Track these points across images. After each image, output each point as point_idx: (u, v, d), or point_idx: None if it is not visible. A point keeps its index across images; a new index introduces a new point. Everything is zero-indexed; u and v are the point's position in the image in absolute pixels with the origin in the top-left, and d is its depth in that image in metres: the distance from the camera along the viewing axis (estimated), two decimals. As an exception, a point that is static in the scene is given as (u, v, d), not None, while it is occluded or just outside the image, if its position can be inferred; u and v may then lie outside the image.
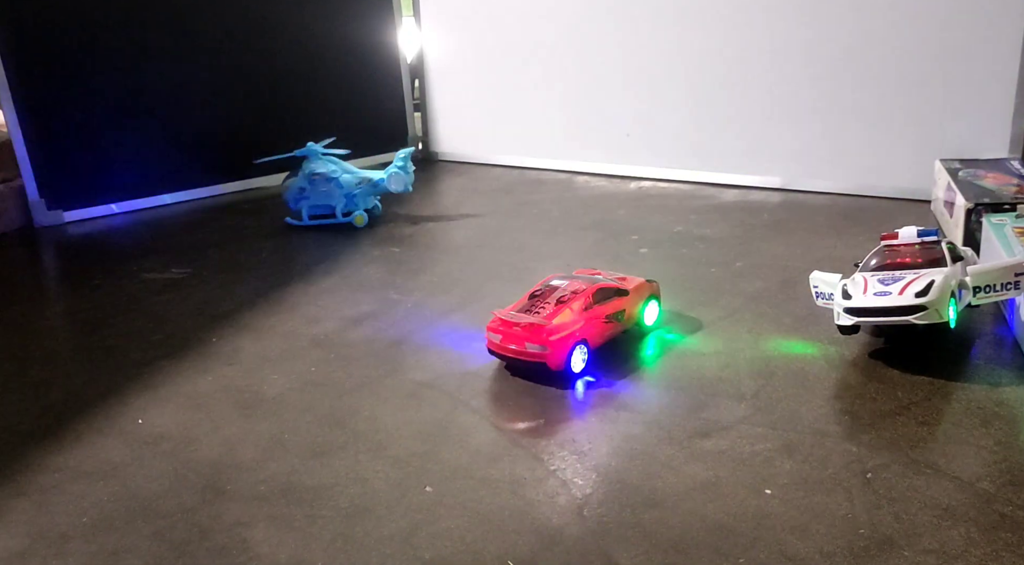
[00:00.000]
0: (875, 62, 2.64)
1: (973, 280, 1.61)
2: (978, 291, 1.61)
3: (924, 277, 1.62)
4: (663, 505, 1.28)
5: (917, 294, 1.59)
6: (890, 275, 1.68)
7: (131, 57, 2.99)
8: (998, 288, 1.61)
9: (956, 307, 1.63)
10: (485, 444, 1.47)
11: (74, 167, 2.67)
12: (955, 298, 1.63)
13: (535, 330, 1.61)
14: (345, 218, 2.69)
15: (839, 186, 2.76)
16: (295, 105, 3.30)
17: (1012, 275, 1.60)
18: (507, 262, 2.33)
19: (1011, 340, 1.71)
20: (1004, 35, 2.43)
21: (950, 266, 1.66)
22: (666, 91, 3.03)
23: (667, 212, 2.68)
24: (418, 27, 3.54)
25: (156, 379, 1.77)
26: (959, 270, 1.67)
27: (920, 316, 1.59)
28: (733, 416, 1.50)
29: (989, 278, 1.61)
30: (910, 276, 1.64)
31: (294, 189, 2.71)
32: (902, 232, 1.76)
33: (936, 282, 1.60)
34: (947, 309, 1.59)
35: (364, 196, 2.73)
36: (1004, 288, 1.60)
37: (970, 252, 1.88)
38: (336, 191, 2.69)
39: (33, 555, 1.26)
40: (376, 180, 2.72)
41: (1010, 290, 1.61)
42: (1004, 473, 1.30)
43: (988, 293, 1.61)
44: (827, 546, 1.17)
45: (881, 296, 1.63)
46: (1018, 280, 1.60)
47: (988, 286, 1.61)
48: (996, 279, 1.61)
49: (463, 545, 1.22)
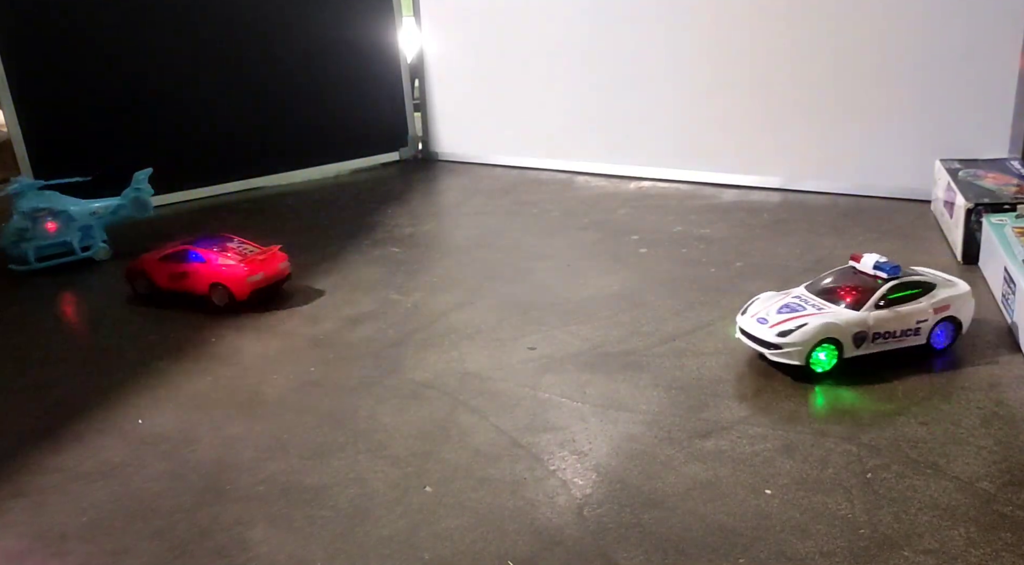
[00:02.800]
0: (875, 62, 2.64)
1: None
2: (861, 342, 1.61)
3: (808, 317, 1.60)
4: (663, 505, 1.28)
5: (779, 334, 1.59)
6: (795, 304, 1.66)
7: (131, 57, 2.99)
8: (898, 335, 1.62)
9: (835, 354, 1.59)
10: (485, 444, 1.47)
11: (74, 167, 2.67)
12: (835, 346, 1.59)
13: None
14: (85, 253, 2.48)
15: (839, 186, 2.76)
16: (295, 105, 3.30)
17: (913, 322, 1.62)
18: (507, 262, 2.33)
19: (1011, 340, 1.71)
20: (1004, 35, 2.43)
21: (856, 312, 1.60)
22: (666, 91, 3.03)
23: (667, 212, 2.68)
24: (418, 27, 3.54)
25: (156, 379, 1.77)
26: (865, 318, 1.60)
27: (774, 353, 1.60)
28: (733, 416, 1.50)
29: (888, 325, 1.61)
30: (808, 310, 1.63)
31: (9, 231, 2.42)
32: (863, 258, 1.69)
33: (807, 327, 1.58)
34: (809, 354, 1.58)
35: (101, 227, 2.53)
36: (904, 335, 1.62)
37: (947, 283, 1.70)
38: (69, 225, 2.46)
39: (32, 555, 1.26)
40: (115, 207, 2.53)
41: (910, 336, 1.63)
42: (1004, 473, 1.30)
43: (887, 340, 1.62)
44: (827, 546, 1.17)
45: (760, 323, 1.64)
46: (918, 327, 1.62)
47: (888, 333, 1.61)
48: (895, 326, 1.61)
49: (463, 545, 1.22)
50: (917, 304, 1.61)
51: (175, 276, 2.15)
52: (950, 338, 1.65)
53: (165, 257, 2.17)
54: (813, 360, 1.59)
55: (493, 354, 1.79)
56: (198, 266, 2.12)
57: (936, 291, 1.63)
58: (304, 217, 2.89)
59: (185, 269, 2.13)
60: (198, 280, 2.12)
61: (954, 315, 1.63)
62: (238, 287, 2.07)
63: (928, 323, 1.62)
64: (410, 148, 3.61)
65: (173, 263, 2.15)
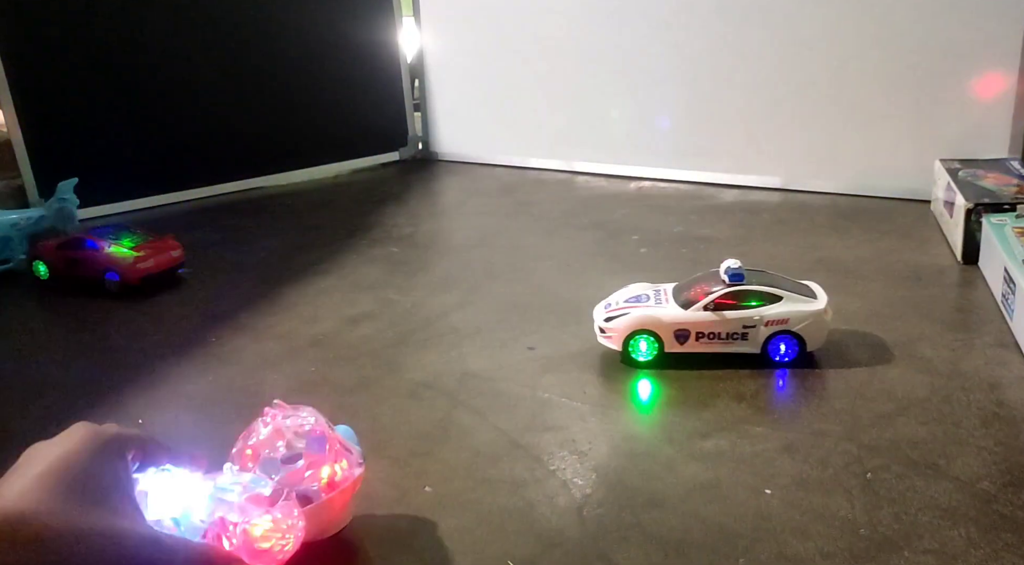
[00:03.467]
0: (875, 62, 2.65)
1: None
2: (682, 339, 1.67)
3: (634, 309, 1.68)
4: (663, 505, 1.27)
5: (606, 319, 1.69)
6: (643, 296, 1.73)
7: (131, 57, 2.99)
8: (723, 337, 1.66)
9: (656, 346, 1.66)
10: (485, 444, 1.47)
11: (74, 167, 2.67)
12: (655, 339, 1.66)
13: None
14: (3, 266, 2.45)
15: (839, 186, 2.76)
16: (295, 105, 3.30)
17: (739, 327, 1.65)
18: (507, 262, 2.32)
19: (1011, 340, 1.71)
20: (1004, 35, 2.43)
21: (681, 311, 1.65)
22: (666, 91, 3.03)
23: (667, 212, 2.68)
24: (418, 27, 3.54)
25: (156, 379, 1.77)
26: (687, 317, 1.65)
27: (601, 337, 1.71)
28: (733, 416, 1.50)
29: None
30: (646, 303, 1.70)
31: None
32: (724, 263, 1.70)
33: (627, 317, 1.66)
34: (626, 342, 1.67)
35: (22, 239, 2.48)
36: (731, 338, 1.66)
37: (799, 299, 1.66)
38: None
39: (32, 555, 1.25)
40: (37, 218, 2.50)
41: (737, 341, 1.66)
42: (1004, 473, 1.30)
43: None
44: (827, 547, 1.17)
45: (605, 307, 1.72)
46: (745, 332, 1.65)
47: (713, 334, 1.65)
48: (720, 329, 1.65)
49: (462, 546, 1.22)
50: (745, 312, 1.64)
51: (70, 263, 2.30)
52: (793, 352, 1.65)
53: (61, 245, 2.33)
54: (632, 349, 1.67)
55: (493, 354, 1.79)
56: (92, 253, 2.27)
57: (778, 304, 1.64)
58: (304, 217, 2.89)
59: (78, 256, 2.29)
60: (91, 267, 2.27)
61: (795, 331, 1.64)
62: (128, 274, 2.23)
63: (758, 332, 1.64)
64: (410, 148, 3.61)
65: (69, 251, 2.31)
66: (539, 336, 1.86)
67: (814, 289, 1.70)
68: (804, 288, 1.70)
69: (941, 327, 1.79)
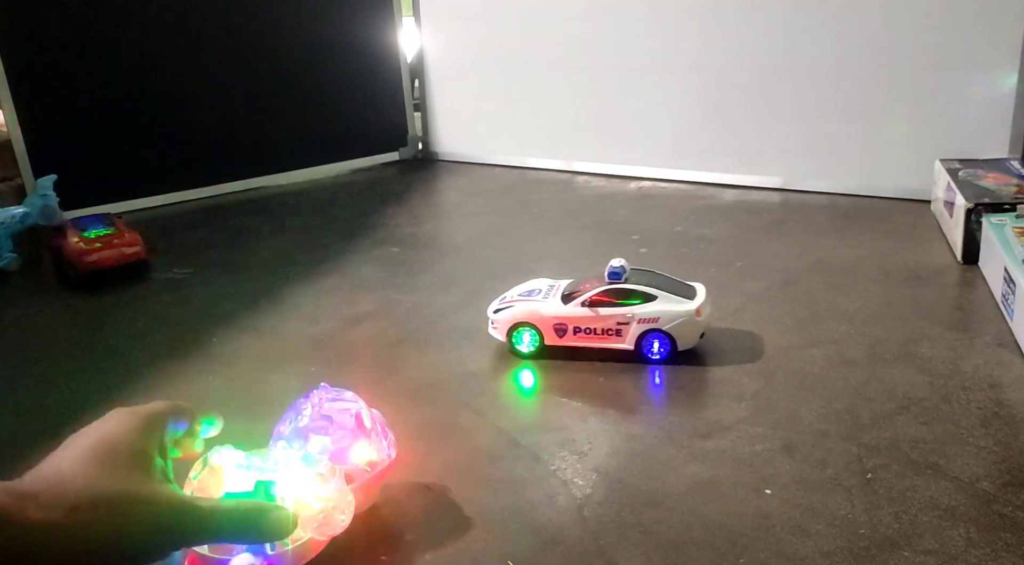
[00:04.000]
0: (875, 62, 2.65)
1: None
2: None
3: (520, 302, 1.75)
4: (663, 505, 1.28)
5: (495, 310, 1.76)
6: (536, 290, 1.79)
7: (131, 57, 3.00)
8: (599, 332, 1.71)
9: (538, 339, 1.72)
10: (485, 444, 1.47)
11: (74, 166, 2.67)
12: (536, 331, 1.72)
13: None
14: None
15: (839, 186, 2.76)
16: (295, 105, 3.30)
17: (613, 324, 1.69)
18: (507, 262, 2.33)
19: (1011, 340, 1.71)
20: (1004, 35, 2.43)
21: (561, 306, 1.71)
22: (666, 91, 3.03)
23: (667, 212, 2.68)
24: (418, 27, 3.54)
25: (157, 379, 1.77)
26: (565, 312, 1.70)
27: (490, 327, 1.76)
28: (733, 416, 1.50)
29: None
30: (534, 298, 1.76)
31: None
32: (611, 261, 1.76)
33: (511, 310, 1.74)
34: (509, 334, 1.74)
35: (7, 237, 2.49)
36: (606, 334, 1.70)
37: (674, 299, 1.69)
38: None
39: (33, 555, 1.25)
40: (21, 215, 2.50)
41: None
42: (1004, 473, 1.30)
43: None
44: (827, 546, 1.17)
45: (500, 299, 1.79)
46: (619, 329, 1.69)
47: (589, 329, 1.71)
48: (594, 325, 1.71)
49: (463, 545, 1.22)
50: (619, 309, 1.69)
51: (54, 251, 2.41)
52: (665, 351, 1.69)
53: (53, 230, 2.45)
54: (516, 341, 1.73)
55: (493, 354, 1.79)
56: (61, 242, 2.36)
57: (651, 303, 1.68)
58: (304, 217, 2.89)
59: (55, 244, 2.39)
60: (57, 256, 2.37)
61: (665, 329, 1.68)
62: (78, 265, 2.30)
63: (631, 329, 1.68)
64: (410, 148, 3.61)
65: (53, 238, 2.42)
66: (539, 336, 1.86)
67: (697, 290, 1.74)
68: (686, 289, 1.74)
69: (941, 327, 1.79)
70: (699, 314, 1.68)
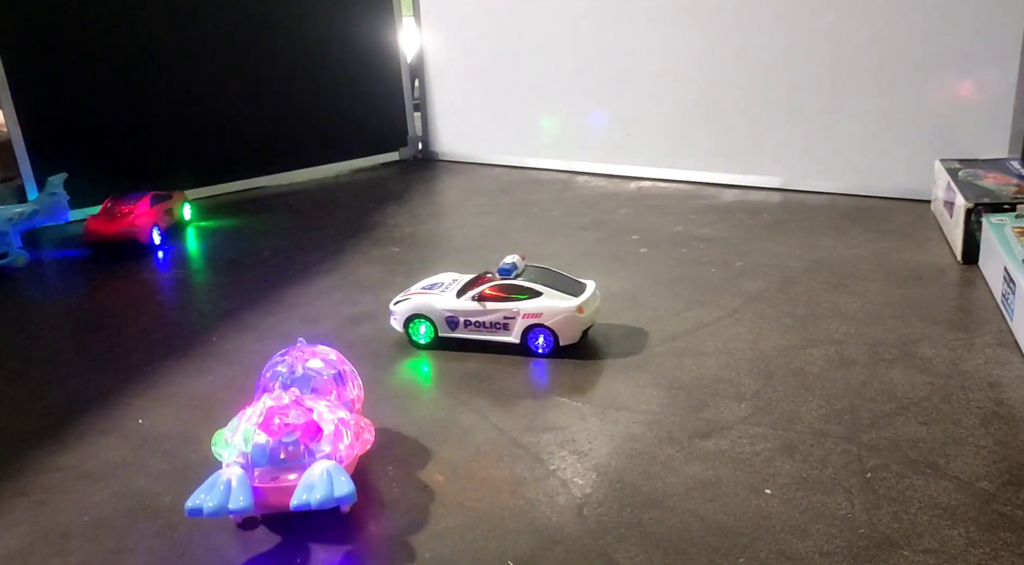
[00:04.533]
0: (875, 62, 2.65)
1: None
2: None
3: (417, 295, 1.83)
4: (663, 505, 1.28)
5: (395, 302, 1.84)
6: (437, 283, 1.88)
7: (131, 57, 3.00)
8: (488, 326, 1.78)
9: (432, 330, 1.80)
10: (485, 444, 1.47)
11: (74, 167, 2.67)
12: (430, 323, 1.79)
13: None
14: (1, 261, 2.47)
15: (839, 186, 2.76)
16: (295, 105, 3.31)
17: (501, 318, 1.75)
18: (507, 262, 2.33)
19: (1011, 340, 1.71)
20: (1004, 35, 2.43)
21: (454, 299, 1.78)
22: (666, 91, 3.03)
23: (667, 212, 2.68)
24: (418, 27, 3.54)
25: (157, 379, 1.77)
26: (457, 306, 1.78)
27: (391, 318, 1.85)
28: (733, 416, 1.51)
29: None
30: (433, 291, 1.83)
31: None
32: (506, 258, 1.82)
33: (407, 302, 1.82)
34: (406, 325, 1.82)
35: (17, 233, 2.50)
36: (494, 328, 1.77)
37: (558, 296, 1.74)
38: None
39: (34, 554, 1.26)
40: (30, 212, 2.52)
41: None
42: (1003, 473, 1.30)
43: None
44: (827, 546, 1.17)
45: (403, 291, 1.89)
46: (506, 323, 1.75)
47: (479, 323, 1.78)
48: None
49: (463, 544, 1.22)
50: (506, 304, 1.75)
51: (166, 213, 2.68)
52: (549, 345, 1.74)
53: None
54: (412, 332, 1.81)
55: (493, 354, 1.79)
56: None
57: (536, 300, 1.73)
58: (304, 217, 2.90)
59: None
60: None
61: (548, 325, 1.73)
62: (84, 235, 2.52)
63: (516, 324, 1.74)
64: (410, 148, 3.61)
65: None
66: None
67: (586, 288, 1.79)
68: (575, 286, 1.79)
69: (941, 327, 1.79)
70: (581, 311, 1.73)
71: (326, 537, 1.26)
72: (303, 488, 1.22)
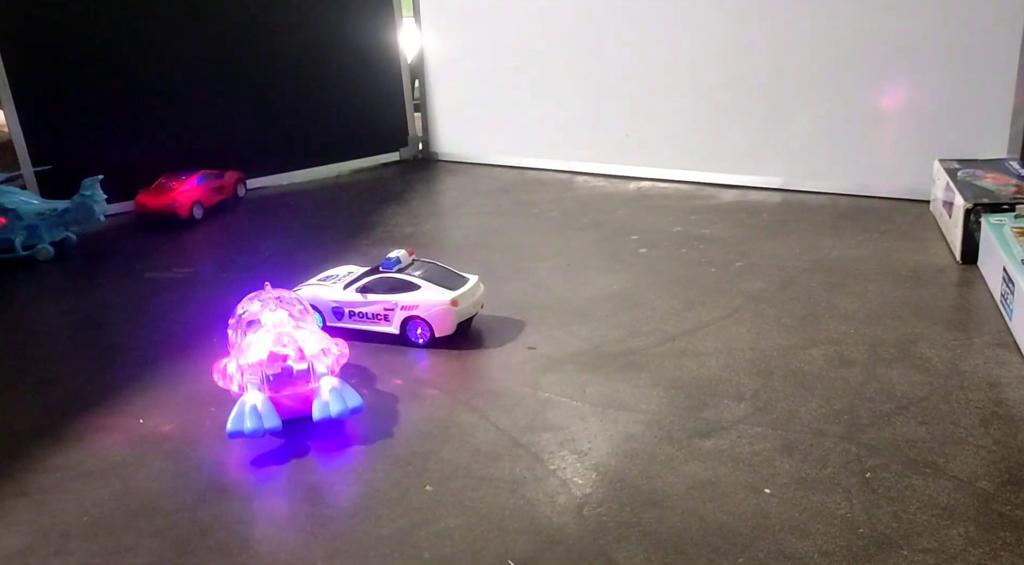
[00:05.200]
0: (874, 62, 2.65)
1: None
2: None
3: (306, 286, 1.94)
4: (662, 504, 1.28)
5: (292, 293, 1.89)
6: (334, 275, 1.98)
7: (132, 57, 3.00)
8: (370, 317, 1.88)
9: (319, 319, 1.86)
10: (485, 443, 1.47)
11: (75, 167, 2.67)
12: (319, 313, 1.87)
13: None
14: (26, 252, 2.49)
15: (839, 186, 2.76)
16: (296, 105, 3.31)
17: (381, 309, 1.85)
18: (507, 262, 2.33)
19: (1010, 340, 1.71)
20: (1003, 35, 2.43)
21: (340, 290, 1.89)
22: (666, 91, 3.03)
23: (667, 212, 2.69)
24: (418, 27, 3.54)
25: (157, 379, 1.77)
26: (341, 296, 1.88)
27: None
28: (733, 416, 1.51)
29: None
30: (327, 283, 1.94)
31: None
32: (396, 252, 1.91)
33: (298, 292, 1.89)
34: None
35: (50, 227, 2.51)
36: (376, 318, 1.86)
37: (434, 290, 1.82)
38: (15, 223, 2.47)
39: (34, 553, 1.26)
40: (61, 210, 2.53)
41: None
42: (1003, 472, 1.31)
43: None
44: (826, 545, 1.17)
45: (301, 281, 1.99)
46: (386, 314, 1.85)
47: (362, 313, 1.88)
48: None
49: (463, 545, 1.22)
50: (386, 296, 1.84)
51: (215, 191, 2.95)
52: (425, 336, 1.83)
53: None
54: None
55: (493, 354, 1.79)
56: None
57: (414, 293, 1.82)
58: (304, 217, 2.90)
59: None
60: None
61: (423, 317, 1.81)
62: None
63: (396, 315, 1.84)
64: (410, 148, 3.61)
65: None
66: (539, 336, 1.86)
67: (466, 282, 1.86)
68: (456, 281, 1.86)
69: (940, 327, 1.80)
70: (455, 305, 1.80)
71: (326, 537, 1.26)
72: (321, 407, 1.46)
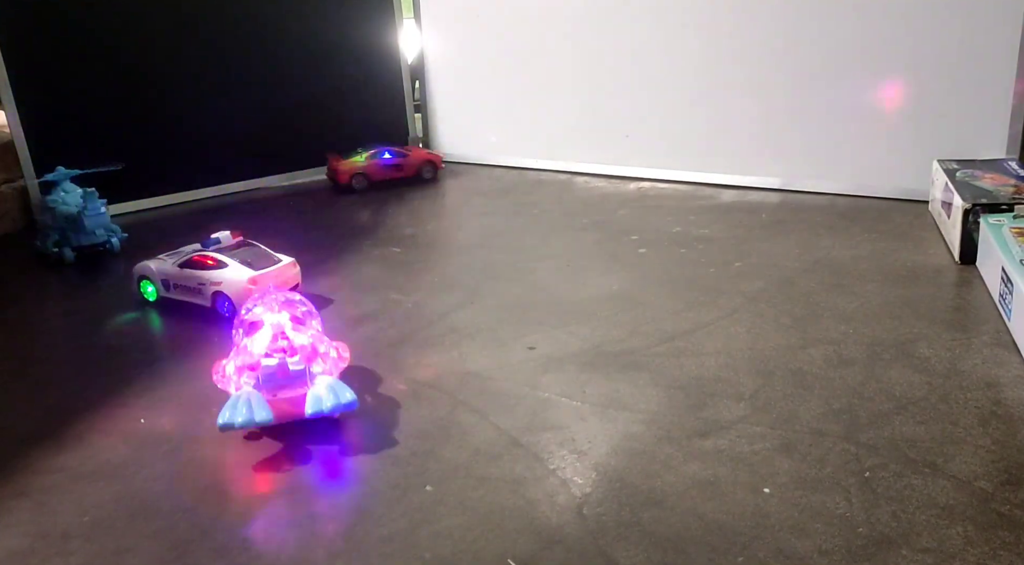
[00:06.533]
0: (874, 62, 2.65)
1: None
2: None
3: (150, 261, 2.15)
4: (662, 504, 1.28)
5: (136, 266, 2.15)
6: (181, 251, 2.17)
7: (133, 58, 3.00)
8: (188, 289, 2.09)
9: (155, 290, 2.13)
10: (485, 443, 1.47)
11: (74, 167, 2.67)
12: (152, 283, 2.13)
13: None
14: (103, 246, 2.53)
15: (838, 186, 2.76)
16: (296, 105, 3.31)
17: (195, 284, 2.06)
18: (507, 262, 2.33)
19: (1009, 340, 1.72)
20: (1002, 35, 2.43)
21: (168, 265, 2.11)
22: (666, 91, 3.04)
23: (666, 212, 2.69)
24: (418, 28, 3.54)
25: (157, 379, 1.78)
26: (168, 270, 2.11)
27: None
28: (732, 416, 1.51)
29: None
30: (171, 259, 2.13)
31: (58, 220, 2.49)
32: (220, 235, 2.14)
33: (137, 266, 2.16)
34: (138, 283, 2.16)
35: (76, 232, 2.50)
36: (194, 293, 2.08)
37: (238, 268, 2.03)
38: (54, 223, 2.50)
39: (34, 554, 1.26)
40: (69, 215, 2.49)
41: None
42: (1002, 472, 1.31)
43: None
44: (825, 545, 1.17)
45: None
46: (199, 289, 2.06)
47: (183, 286, 2.10)
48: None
49: (463, 544, 1.23)
50: (199, 272, 2.05)
51: (388, 168, 3.17)
52: (230, 310, 2.00)
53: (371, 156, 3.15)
54: (143, 290, 2.16)
55: (493, 354, 1.79)
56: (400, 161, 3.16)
57: (221, 270, 2.03)
58: (304, 217, 2.90)
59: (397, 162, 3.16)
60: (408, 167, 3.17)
61: (224, 292, 2.02)
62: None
63: (207, 289, 2.04)
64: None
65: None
66: (539, 336, 1.87)
67: (274, 264, 2.07)
68: (265, 262, 2.07)
69: (939, 327, 1.80)
70: (254, 282, 1.98)
71: (326, 537, 1.26)
72: (314, 400, 1.48)
